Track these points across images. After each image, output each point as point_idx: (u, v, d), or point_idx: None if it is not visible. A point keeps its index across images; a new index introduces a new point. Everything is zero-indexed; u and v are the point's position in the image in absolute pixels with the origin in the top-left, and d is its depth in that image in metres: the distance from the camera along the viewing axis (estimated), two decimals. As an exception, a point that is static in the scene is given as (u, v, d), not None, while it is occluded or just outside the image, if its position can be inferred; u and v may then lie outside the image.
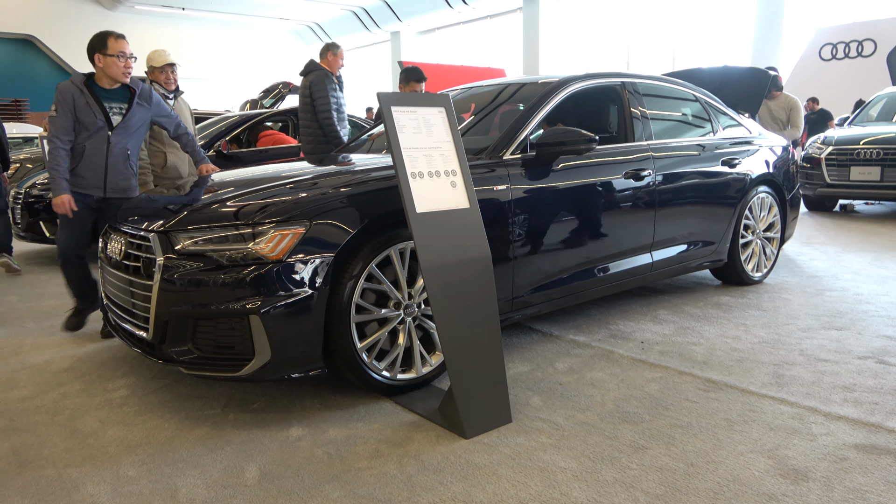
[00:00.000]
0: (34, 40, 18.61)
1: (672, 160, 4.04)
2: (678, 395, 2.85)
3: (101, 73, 3.61)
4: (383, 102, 2.56)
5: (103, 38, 3.60)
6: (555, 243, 3.41)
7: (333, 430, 2.59)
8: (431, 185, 2.58)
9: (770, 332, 3.69)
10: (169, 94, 4.70)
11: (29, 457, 2.43)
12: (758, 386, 2.94)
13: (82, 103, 3.53)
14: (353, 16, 19.68)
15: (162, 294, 2.61)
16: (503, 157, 3.27)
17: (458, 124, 2.80)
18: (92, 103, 3.55)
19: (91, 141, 3.57)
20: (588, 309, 4.17)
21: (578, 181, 3.52)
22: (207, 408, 2.82)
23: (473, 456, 2.35)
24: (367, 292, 2.75)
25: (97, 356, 3.52)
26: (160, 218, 2.81)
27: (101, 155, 3.60)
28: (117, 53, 3.58)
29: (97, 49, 3.58)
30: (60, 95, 3.53)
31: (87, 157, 3.58)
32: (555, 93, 3.62)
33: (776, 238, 4.89)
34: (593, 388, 2.94)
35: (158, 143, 4.64)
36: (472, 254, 2.61)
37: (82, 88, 3.55)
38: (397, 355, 2.83)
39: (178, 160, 4.70)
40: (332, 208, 2.68)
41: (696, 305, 4.26)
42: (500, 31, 17.49)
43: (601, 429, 2.54)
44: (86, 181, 3.60)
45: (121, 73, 3.61)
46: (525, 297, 3.32)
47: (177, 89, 4.77)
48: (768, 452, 2.33)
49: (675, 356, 3.34)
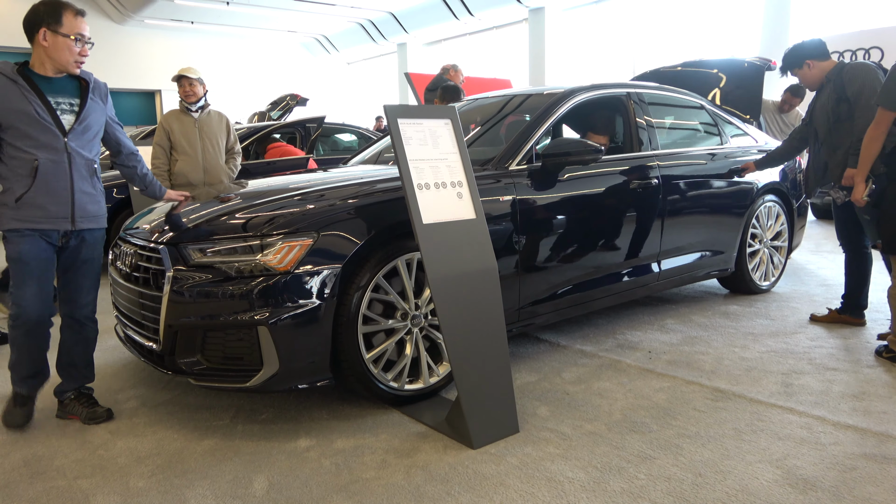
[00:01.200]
0: (45, 55, 18.90)
1: (678, 169, 4.05)
2: (686, 405, 2.84)
3: (44, 57, 2.59)
4: (390, 115, 2.59)
5: (57, 8, 2.58)
6: (561, 253, 3.42)
7: (341, 440, 2.60)
8: (438, 196, 2.60)
9: (778, 342, 3.68)
10: (191, 107, 4.78)
11: (40, 468, 2.45)
12: (766, 395, 2.93)
13: (16, 97, 2.53)
14: (361, 28, 19.84)
15: (171, 305, 2.63)
16: (509, 168, 3.29)
17: (464, 136, 2.82)
18: (32, 98, 2.55)
19: (44, 152, 2.57)
20: (595, 318, 4.17)
21: (584, 191, 3.53)
22: (216, 419, 2.84)
23: (481, 466, 2.35)
24: (375, 303, 2.76)
25: (107, 367, 3.54)
26: (170, 230, 2.84)
27: (62, 171, 2.62)
28: (74, 35, 2.60)
29: (45, 22, 2.56)
30: None
31: (43, 176, 2.57)
32: (560, 104, 3.65)
33: (784, 247, 4.87)
34: (601, 398, 2.94)
35: (175, 152, 4.76)
36: (478, 264, 2.62)
37: (14, 78, 2.55)
38: (404, 366, 2.84)
39: (186, 167, 4.77)
40: (339, 220, 2.71)
41: (704, 315, 4.25)
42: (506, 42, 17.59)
43: (609, 438, 2.54)
44: (46, 212, 2.60)
45: (72, 62, 2.63)
46: (532, 307, 3.33)
47: (198, 103, 4.82)
48: (777, 462, 2.32)
49: (682, 366, 3.33)
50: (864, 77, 3.54)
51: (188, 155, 4.75)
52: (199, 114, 4.84)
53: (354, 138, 8.97)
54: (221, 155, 4.91)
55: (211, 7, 17.19)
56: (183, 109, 4.79)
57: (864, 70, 3.56)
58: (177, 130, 4.74)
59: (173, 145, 4.76)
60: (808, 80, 3.82)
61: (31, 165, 2.56)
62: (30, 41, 2.59)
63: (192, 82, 4.75)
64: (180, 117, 4.79)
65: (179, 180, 4.77)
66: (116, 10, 18.38)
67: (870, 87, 3.50)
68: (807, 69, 3.76)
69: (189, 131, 4.78)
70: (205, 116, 4.87)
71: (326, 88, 22.44)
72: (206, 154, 4.81)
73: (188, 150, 4.76)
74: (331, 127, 8.61)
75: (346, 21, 19.53)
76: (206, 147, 4.81)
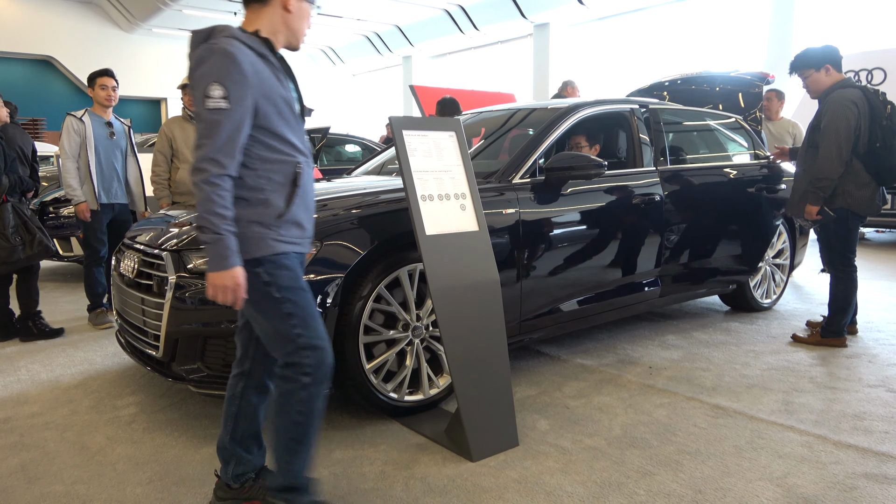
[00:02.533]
0: (53, 61, 18.98)
1: (681, 186, 4.05)
2: (686, 421, 2.83)
3: (280, 27, 1.95)
4: (395, 126, 2.60)
5: None
6: (563, 267, 3.42)
7: (340, 450, 2.59)
8: (441, 207, 2.61)
9: (779, 359, 3.67)
10: (192, 115, 4.76)
11: (37, 472, 2.45)
12: (767, 413, 2.92)
13: (273, 80, 1.89)
14: (367, 40, 19.98)
15: (173, 312, 2.63)
16: (512, 182, 3.30)
17: (468, 148, 2.83)
18: (286, 82, 1.97)
19: (301, 154, 1.98)
20: (596, 333, 4.17)
21: (587, 206, 3.54)
22: (215, 426, 2.83)
23: (480, 479, 2.34)
24: (376, 313, 2.77)
25: (107, 373, 3.54)
26: (173, 237, 2.85)
27: (311, 179, 2.05)
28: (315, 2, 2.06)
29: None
30: (238, 68, 1.77)
31: (303, 185, 1.97)
32: (564, 118, 3.66)
33: (785, 265, 4.87)
34: (601, 413, 2.93)
35: (176, 160, 4.74)
36: (480, 277, 2.63)
37: (263, 53, 1.89)
38: (405, 377, 2.84)
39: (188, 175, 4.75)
40: (342, 229, 2.71)
41: (705, 331, 4.25)
42: (511, 56, 17.70)
43: (608, 454, 2.53)
44: (303, 231, 2.01)
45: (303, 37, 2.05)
46: (533, 321, 3.33)
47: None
48: (777, 480, 2.31)
49: (683, 382, 3.32)
50: (833, 114, 3.57)
51: (190, 163, 4.72)
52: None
53: (359, 149, 9.00)
54: None
55: (218, 17, 17.33)
56: (185, 117, 4.78)
57: (836, 106, 3.57)
58: (179, 138, 4.70)
59: (175, 153, 4.71)
60: (816, 86, 3.75)
61: (293, 171, 1.93)
62: (257, 7, 1.92)
63: None
64: (182, 125, 4.76)
65: (181, 188, 4.74)
66: (125, 19, 18.55)
67: (832, 128, 3.55)
68: (823, 73, 3.71)
69: (191, 139, 4.74)
70: None
71: (331, 99, 22.55)
72: None
73: (190, 159, 4.72)
74: (335, 138, 8.64)
75: (353, 33, 19.67)
76: None
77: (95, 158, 4.53)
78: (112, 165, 4.65)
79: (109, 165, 4.64)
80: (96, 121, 4.62)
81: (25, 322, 4.27)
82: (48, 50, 18.67)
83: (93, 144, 4.52)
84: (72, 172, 4.47)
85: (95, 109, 4.67)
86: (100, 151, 4.57)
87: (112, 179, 4.66)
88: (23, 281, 4.28)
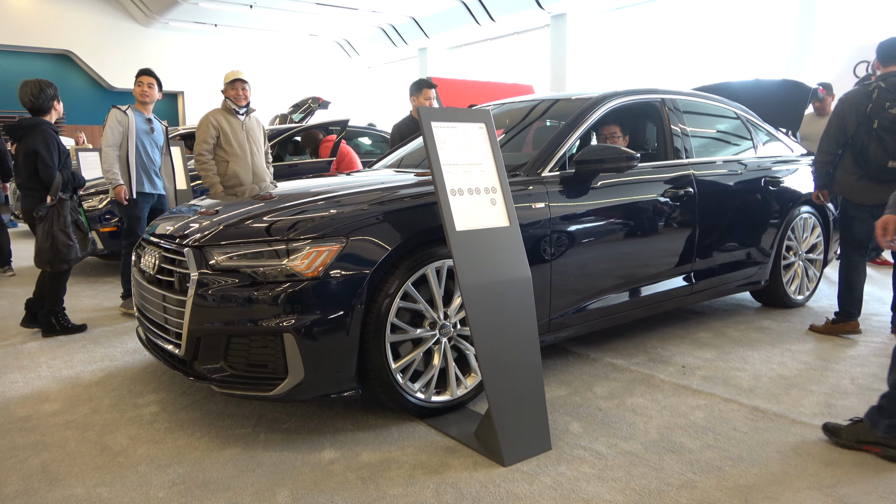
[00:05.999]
0: (72, 55, 19.06)
1: (713, 178, 3.92)
2: (725, 425, 2.72)
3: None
4: (424, 117, 2.50)
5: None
6: (593, 263, 3.31)
7: (367, 453, 2.51)
8: (471, 202, 2.51)
9: (817, 358, 3.54)
10: (238, 109, 4.87)
11: (59, 474, 2.39)
12: (808, 416, 2.80)
13: None
14: (382, 32, 19.84)
15: (195, 310, 2.56)
16: (541, 175, 3.19)
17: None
18: None
19: None
20: (624, 330, 4.05)
21: (619, 200, 3.43)
22: (238, 427, 2.77)
23: (513, 486, 2.25)
24: (402, 311, 2.68)
25: (127, 370, 3.49)
26: (196, 231, 2.77)
27: None
28: None
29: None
30: None
31: None
32: (594, 109, 3.54)
33: (819, 260, 4.72)
34: (635, 415, 2.82)
35: (223, 153, 4.83)
36: (511, 274, 2.53)
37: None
38: (432, 376, 2.75)
39: (240, 169, 4.86)
40: (368, 224, 2.63)
41: (738, 329, 4.12)
42: (528, 47, 17.50)
43: (646, 459, 2.43)
44: None
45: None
46: (562, 319, 3.23)
47: (247, 106, 4.91)
48: (827, 490, 2.20)
49: (718, 382, 3.20)
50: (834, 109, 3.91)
51: (239, 157, 4.85)
52: (245, 117, 4.93)
53: (372, 141, 8.92)
54: (263, 157, 5.03)
55: (234, 10, 17.29)
56: (230, 111, 4.86)
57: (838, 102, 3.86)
58: (227, 130, 4.81)
59: (221, 145, 4.81)
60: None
61: None
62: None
63: (245, 85, 4.86)
64: (228, 118, 4.86)
65: (231, 181, 4.84)
66: (141, 13, 18.57)
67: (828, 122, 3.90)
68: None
69: (238, 133, 4.88)
70: (249, 120, 4.97)
71: (346, 92, 22.48)
72: (254, 156, 4.93)
73: (238, 152, 4.85)
74: (354, 130, 8.57)
75: (368, 25, 19.56)
76: (253, 150, 4.93)
77: (136, 150, 4.67)
78: (151, 158, 4.80)
79: (149, 159, 4.78)
80: (138, 116, 4.77)
81: (48, 317, 4.24)
82: (67, 44, 18.77)
83: (134, 136, 4.67)
84: (112, 158, 4.60)
85: (137, 106, 4.81)
86: (140, 144, 4.71)
87: (152, 171, 4.80)
88: (54, 278, 4.22)
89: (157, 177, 4.85)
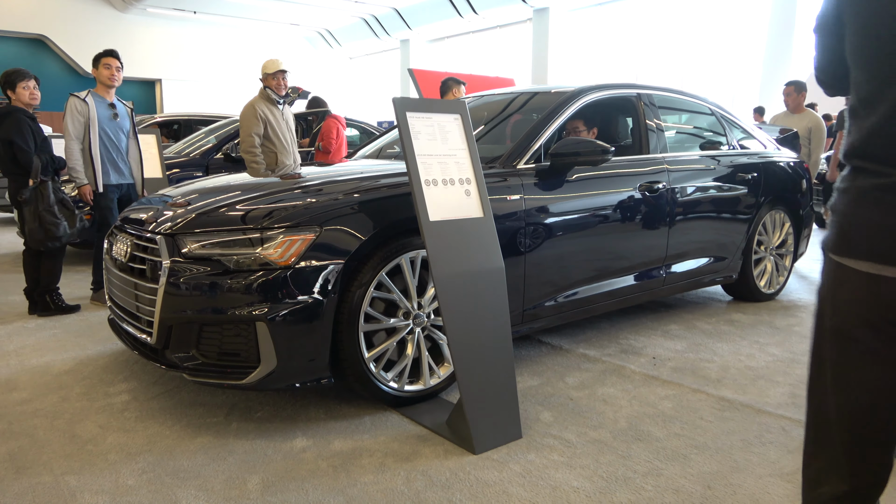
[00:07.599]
0: (46, 40, 18.69)
1: (686, 173, 3.98)
2: (692, 414, 2.78)
3: None
4: (399, 108, 2.51)
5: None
6: (567, 255, 3.35)
7: (339, 441, 2.52)
8: (445, 193, 2.52)
9: (784, 351, 3.61)
10: (280, 99, 4.94)
11: (26, 462, 2.37)
12: (774, 406, 2.87)
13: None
14: (364, 23, 19.74)
15: (167, 298, 2.55)
16: (517, 167, 3.21)
17: (472, 132, 2.74)
18: None
19: None
20: (598, 322, 4.10)
21: (593, 192, 3.46)
22: (210, 415, 2.76)
23: (483, 473, 2.27)
24: (376, 301, 2.69)
25: (98, 359, 3.46)
26: (168, 219, 2.76)
27: None
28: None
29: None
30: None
31: None
32: (569, 103, 3.57)
33: (789, 255, 4.81)
34: (605, 405, 2.87)
35: (269, 144, 4.89)
36: (485, 264, 2.55)
37: None
38: (405, 366, 2.77)
39: (286, 158, 4.92)
40: (343, 214, 2.63)
41: (709, 321, 4.19)
42: (510, 41, 17.52)
43: (614, 447, 2.47)
44: None
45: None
46: (536, 310, 3.26)
47: (286, 95, 4.98)
48: (788, 476, 2.26)
49: (688, 373, 3.26)
50: None
51: (283, 146, 4.93)
52: (283, 106, 5.00)
53: (357, 133, 8.88)
54: (297, 146, 5.13)
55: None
56: (272, 101, 4.90)
57: None
58: (272, 121, 4.86)
59: (269, 136, 4.86)
60: None
61: None
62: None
63: (286, 75, 4.91)
64: (271, 109, 4.90)
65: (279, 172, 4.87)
66: (118, -2, 18.28)
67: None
68: None
69: (280, 122, 4.93)
70: (287, 110, 5.06)
71: (327, 83, 22.33)
72: (293, 145, 5.02)
73: (283, 142, 4.91)
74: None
75: (350, 16, 19.44)
76: (291, 139, 5.02)
77: (100, 140, 4.49)
78: (117, 147, 4.63)
79: (115, 147, 4.61)
80: (100, 102, 4.55)
81: (44, 297, 4.32)
82: (41, 29, 18.39)
83: (97, 126, 4.47)
84: (76, 154, 4.44)
85: (98, 90, 4.60)
86: (104, 133, 4.53)
87: (118, 160, 4.64)
88: (50, 257, 4.31)
89: (124, 164, 4.68)
